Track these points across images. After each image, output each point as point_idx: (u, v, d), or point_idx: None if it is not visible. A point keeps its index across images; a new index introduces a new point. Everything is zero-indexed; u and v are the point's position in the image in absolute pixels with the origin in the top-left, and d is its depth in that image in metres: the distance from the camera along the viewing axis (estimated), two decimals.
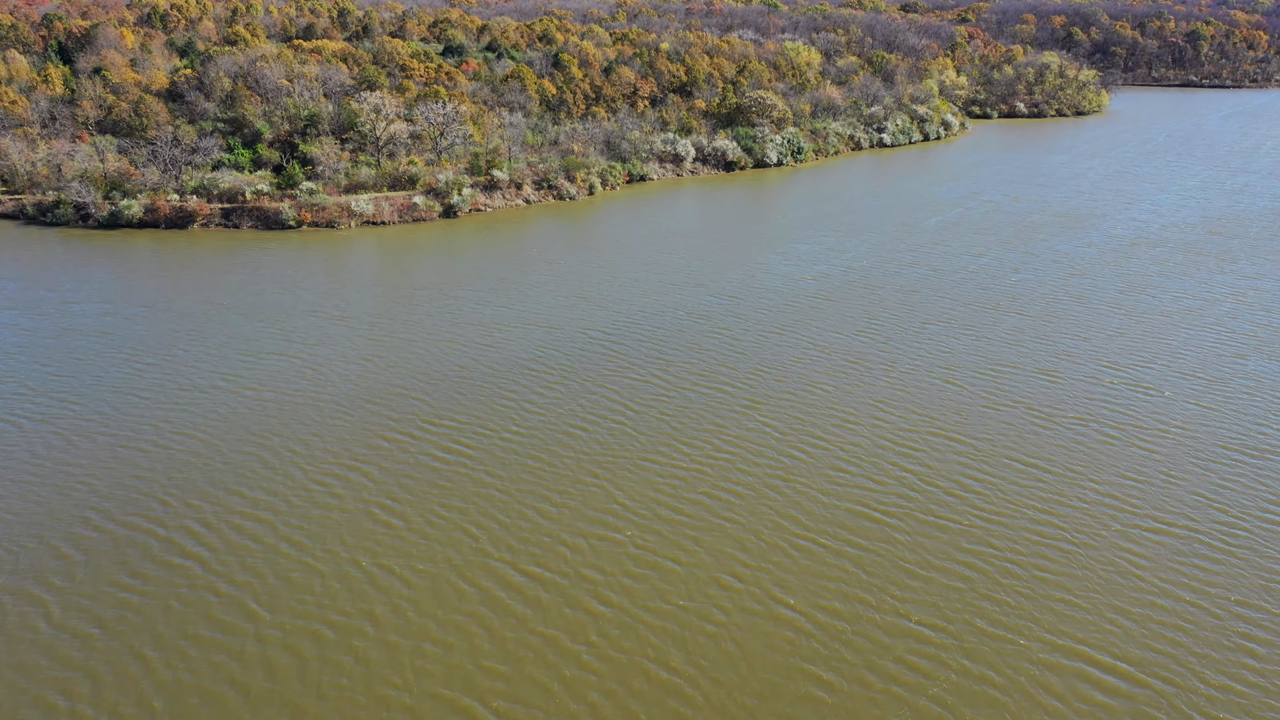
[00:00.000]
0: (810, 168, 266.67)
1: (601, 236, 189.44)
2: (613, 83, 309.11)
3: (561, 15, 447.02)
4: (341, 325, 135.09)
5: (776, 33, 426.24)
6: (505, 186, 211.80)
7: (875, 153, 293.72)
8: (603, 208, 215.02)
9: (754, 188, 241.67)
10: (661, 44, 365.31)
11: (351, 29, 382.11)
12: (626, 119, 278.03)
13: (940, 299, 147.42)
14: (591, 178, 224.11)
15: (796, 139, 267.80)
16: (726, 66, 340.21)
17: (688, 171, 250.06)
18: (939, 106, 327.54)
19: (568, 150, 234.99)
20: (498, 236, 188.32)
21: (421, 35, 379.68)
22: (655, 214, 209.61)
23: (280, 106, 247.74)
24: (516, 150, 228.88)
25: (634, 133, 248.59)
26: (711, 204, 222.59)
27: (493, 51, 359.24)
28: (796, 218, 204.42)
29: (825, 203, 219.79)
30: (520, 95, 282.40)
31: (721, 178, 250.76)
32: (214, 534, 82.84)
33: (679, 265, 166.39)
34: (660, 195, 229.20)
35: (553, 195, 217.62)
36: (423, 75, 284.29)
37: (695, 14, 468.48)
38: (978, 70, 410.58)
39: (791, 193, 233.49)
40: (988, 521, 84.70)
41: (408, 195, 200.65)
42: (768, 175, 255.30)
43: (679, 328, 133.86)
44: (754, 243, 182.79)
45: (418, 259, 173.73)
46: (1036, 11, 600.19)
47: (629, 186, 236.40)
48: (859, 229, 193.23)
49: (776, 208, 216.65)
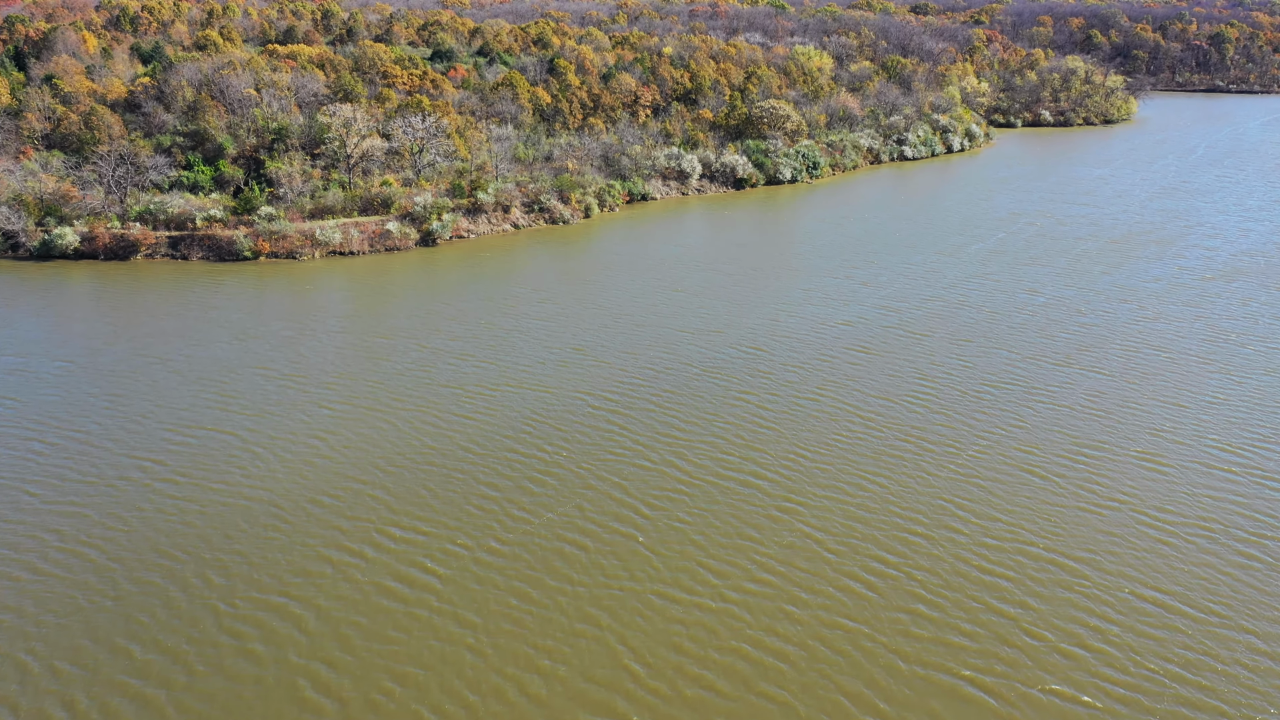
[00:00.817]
0: (827, 184, 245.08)
1: (599, 268, 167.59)
2: (612, 90, 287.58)
3: (559, 17, 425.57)
4: (293, 387, 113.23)
5: (785, 36, 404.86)
6: (491, 210, 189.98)
7: (896, 167, 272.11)
8: (600, 233, 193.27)
9: (768, 208, 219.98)
10: (664, 48, 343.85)
11: (335, 32, 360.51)
12: (627, 130, 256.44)
13: (999, 350, 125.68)
14: (588, 198, 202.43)
15: (812, 153, 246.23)
16: (733, 72, 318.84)
17: (694, 190, 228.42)
18: (962, 115, 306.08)
19: (562, 167, 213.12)
20: (481, 270, 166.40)
21: (409, 39, 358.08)
22: (659, 240, 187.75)
23: (247, 118, 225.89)
24: (505, 168, 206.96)
25: (635, 147, 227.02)
26: (722, 228, 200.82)
27: (484, 57, 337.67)
28: (819, 244, 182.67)
29: (849, 226, 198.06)
30: (511, 105, 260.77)
31: (731, 196, 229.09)
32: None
33: (689, 305, 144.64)
34: (664, 217, 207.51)
35: (544, 219, 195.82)
36: (406, 83, 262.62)
37: (699, 16, 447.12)
38: (997, 76, 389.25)
39: (810, 214, 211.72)
40: (1124, 702, 62.90)
41: (381, 221, 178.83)
42: (781, 194, 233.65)
43: (695, 391, 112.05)
44: (773, 276, 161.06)
45: (388, 298, 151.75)
46: (1053, 13, 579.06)
47: (629, 207, 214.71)
48: (891, 258, 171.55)
49: (795, 233, 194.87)
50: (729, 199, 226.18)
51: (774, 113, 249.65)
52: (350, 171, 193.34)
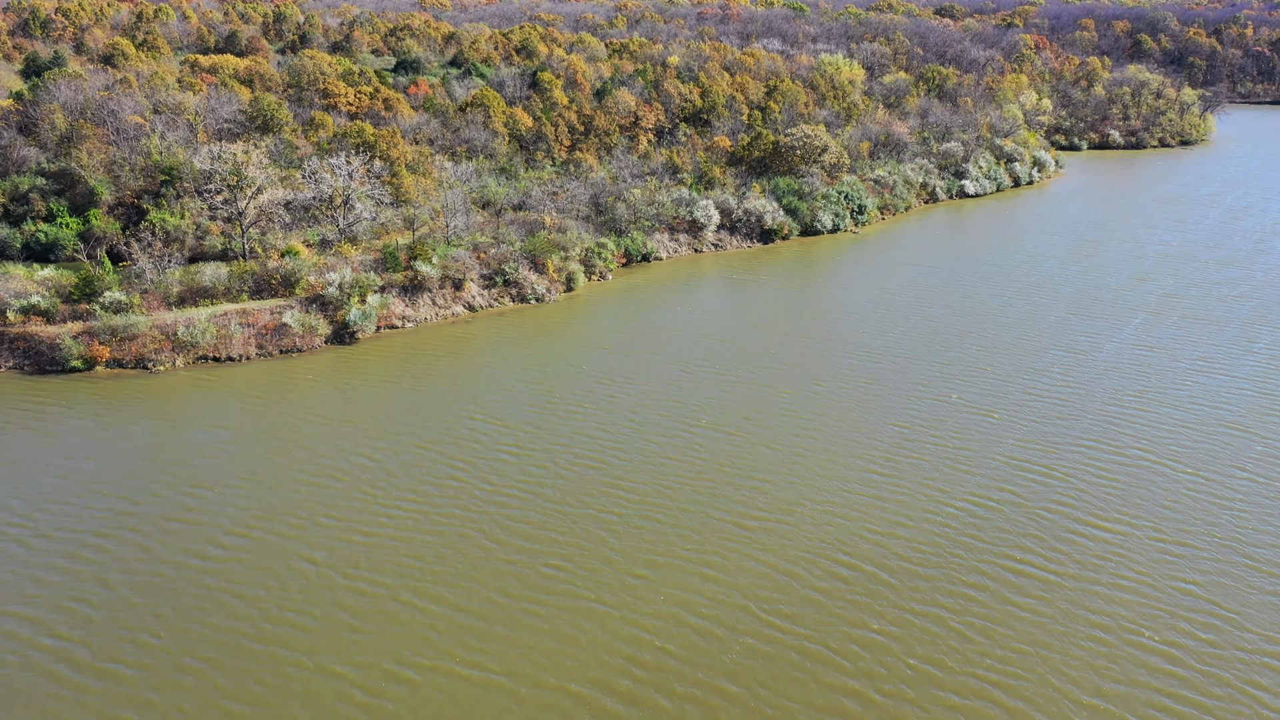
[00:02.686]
0: (876, 233, 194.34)
1: (582, 389, 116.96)
2: (607, 110, 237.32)
3: (549, 21, 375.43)
4: (49, 679, 62.84)
5: (807, 43, 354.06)
6: (437, 287, 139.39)
7: (956, 206, 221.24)
8: (586, 317, 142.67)
9: (806, 271, 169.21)
10: (669, 57, 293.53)
11: (287, 38, 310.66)
12: (623, 162, 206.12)
13: (1232, 560, 75.01)
14: (570, 264, 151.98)
15: (856, 194, 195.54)
16: (751, 87, 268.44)
17: (709, 245, 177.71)
18: (1028, 140, 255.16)
19: (537, 222, 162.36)
20: (413, 391, 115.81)
21: (373, 47, 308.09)
22: (666, 328, 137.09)
23: (138, 153, 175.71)
24: (463, 223, 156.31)
25: (634, 191, 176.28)
26: (748, 305, 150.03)
27: (457, 68, 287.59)
28: (889, 335, 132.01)
29: (923, 303, 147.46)
30: (482, 131, 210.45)
31: (757, 254, 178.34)
32: None
33: (721, 460, 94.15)
34: (670, 289, 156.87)
35: (511, 296, 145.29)
36: (353, 103, 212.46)
37: (708, 19, 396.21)
38: (1050, 89, 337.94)
39: (865, 281, 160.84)
40: None
41: (277, 308, 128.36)
42: (820, 247, 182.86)
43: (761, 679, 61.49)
44: (838, 398, 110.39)
45: (259, 457, 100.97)
46: (1094, 16, 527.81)
47: (627, 271, 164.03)
48: (1003, 362, 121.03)
49: (851, 313, 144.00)
50: (755, 257, 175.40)
51: (808, 142, 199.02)
52: (245, 234, 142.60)
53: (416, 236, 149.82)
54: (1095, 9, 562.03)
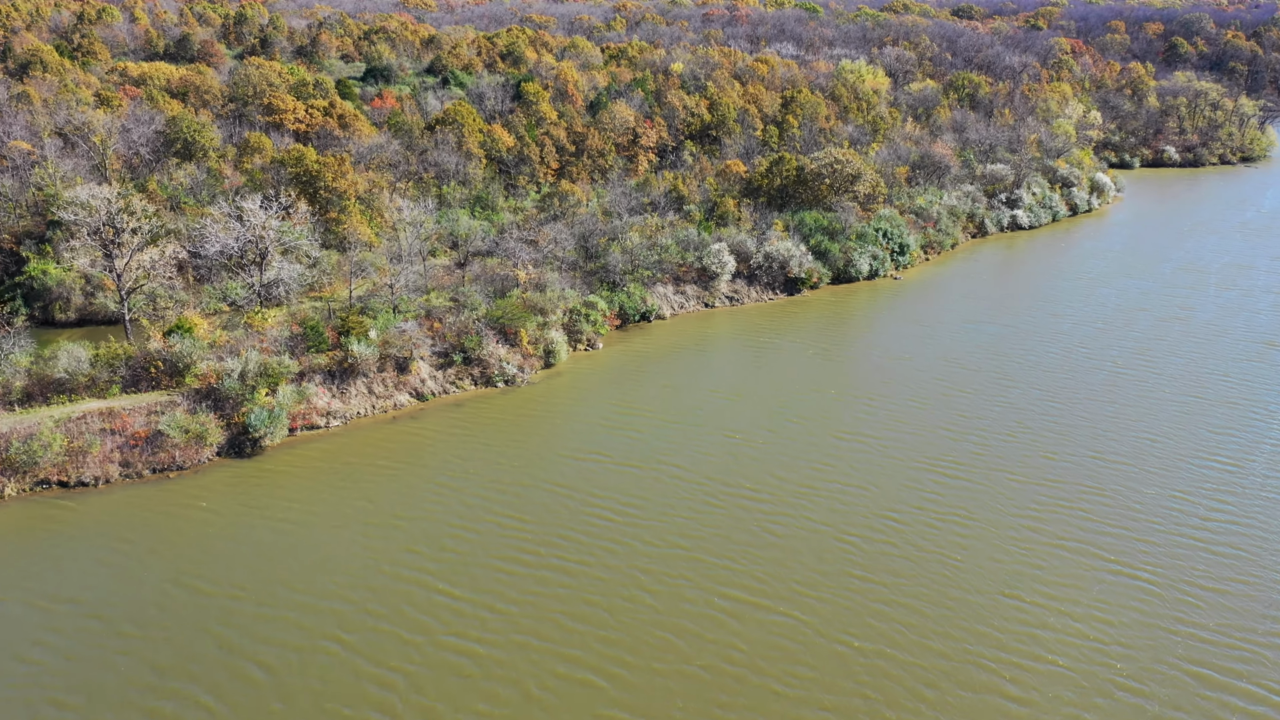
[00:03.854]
0: (920, 276, 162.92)
1: (569, 525, 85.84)
2: (601, 126, 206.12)
3: (541, 23, 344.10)
4: None
5: (823, 47, 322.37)
6: (375, 370, 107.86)
7: (1007, 240, 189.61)
8: (569, 406, 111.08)
9: (844, 332, 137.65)
10: (672, 64, 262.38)
11: (247, 42, 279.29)
12: (620, 189, 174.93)
13: None
14: (549, 333, 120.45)
15: (896, 230, 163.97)
16: (766, 98, 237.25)
17: (722, 297, 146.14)
18: (1082, 160, 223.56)
19: (508, 277, 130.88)
20: (324, 537, 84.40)
21: (344, 51, 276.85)
22: (676, 423, 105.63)
23: (25, 185, 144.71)
24: (411, 285, 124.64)
25: (631, 234, 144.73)
26: (781, 382, 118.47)
27: (434, 75, 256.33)
28: (969, 431, 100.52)
29: (1002, 379, 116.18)
30: (454, 154, 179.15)
31: (780, 309, 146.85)
32: None
33: (780, 683, 62.81)
34: (675, 360, 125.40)
35: (473, 378, 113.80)
36: (303, 120, 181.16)
37: (714, 21, 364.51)
38: (1089, 98, 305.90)
39: (922, 347, 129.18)
40: None
41: (157, 406, 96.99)
42: (856, 298, 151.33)
43: None
44: (914, 534, 79.09)
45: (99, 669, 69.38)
46: (1124, 17, 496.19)
47: (621, 335, 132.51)
48: (1122, 481, 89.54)
49: (917, 398, 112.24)
50: (779, 313, 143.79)
51: (839, 169, 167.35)
52: (124, 302, 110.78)
53: (353, 300, 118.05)
54: (1124, 10, 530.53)
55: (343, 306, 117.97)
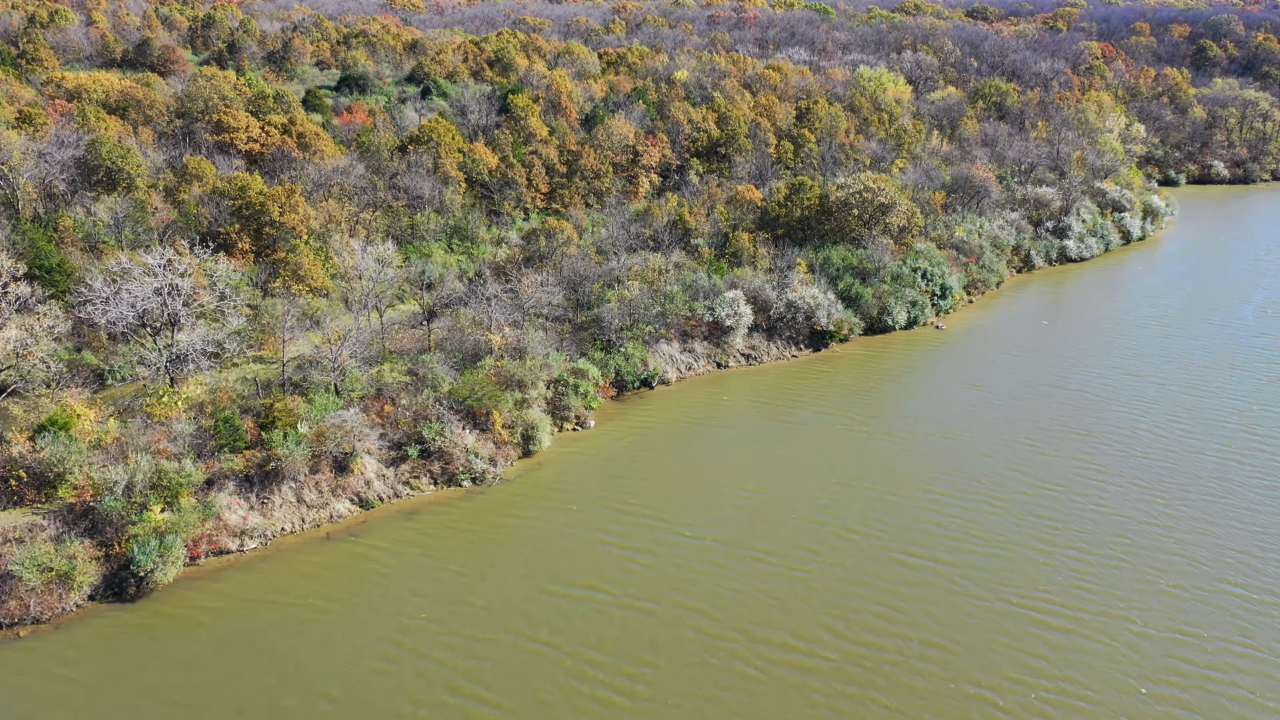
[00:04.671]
0: (964, 323, 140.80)
1: (569, 707, 63.79)
2: (598, 143, 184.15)
3: (535, 26, 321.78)
4: None
5: (837, 52, 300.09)
6: (307, 473, 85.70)
7: (1056, 274, 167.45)
8: (551, 512, 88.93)
9: (885, 399, 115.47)
10: (676, 72, 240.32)
11: (215, 47, 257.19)
12: (617, 217, 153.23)
13: None
14: (529, 412, 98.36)
15: (937, 270, 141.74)
16: (779, 110, 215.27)
17: (737, 354, 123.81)
18: (1132, 180, 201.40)
19: (477, 346, 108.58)
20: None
21: (319, 57, 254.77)
22: (688, 537, 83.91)
23: None
24: (360, 356, 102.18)
25: (631, 283, 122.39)
26: (815, 468, 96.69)
27: (415, 84, 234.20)
28: (1050, 546, 78.63)
29: (1083, 471, 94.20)
30: (428, 179, 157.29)
31: (805, 368, 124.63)
32: None
33: None
34: (685, 437, 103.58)
35: (432, 475, 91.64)
36: (258, 139, 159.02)
37: (720, 24, 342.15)
38: (1124, 107, 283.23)
39: (983, 419, 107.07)
40: None
41: (9, 532, 74.87)
42: (892, 353, 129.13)
43: None
44: None
45: None
46: (1148, 18, 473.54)
47: (618, 406, 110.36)
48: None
49: (987, 501, 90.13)
50: (804, 373, 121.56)
51: (869, 198, 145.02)
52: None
53: (286, 375, 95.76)
54: (1146, 11, 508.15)
55: (275, 379, 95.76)
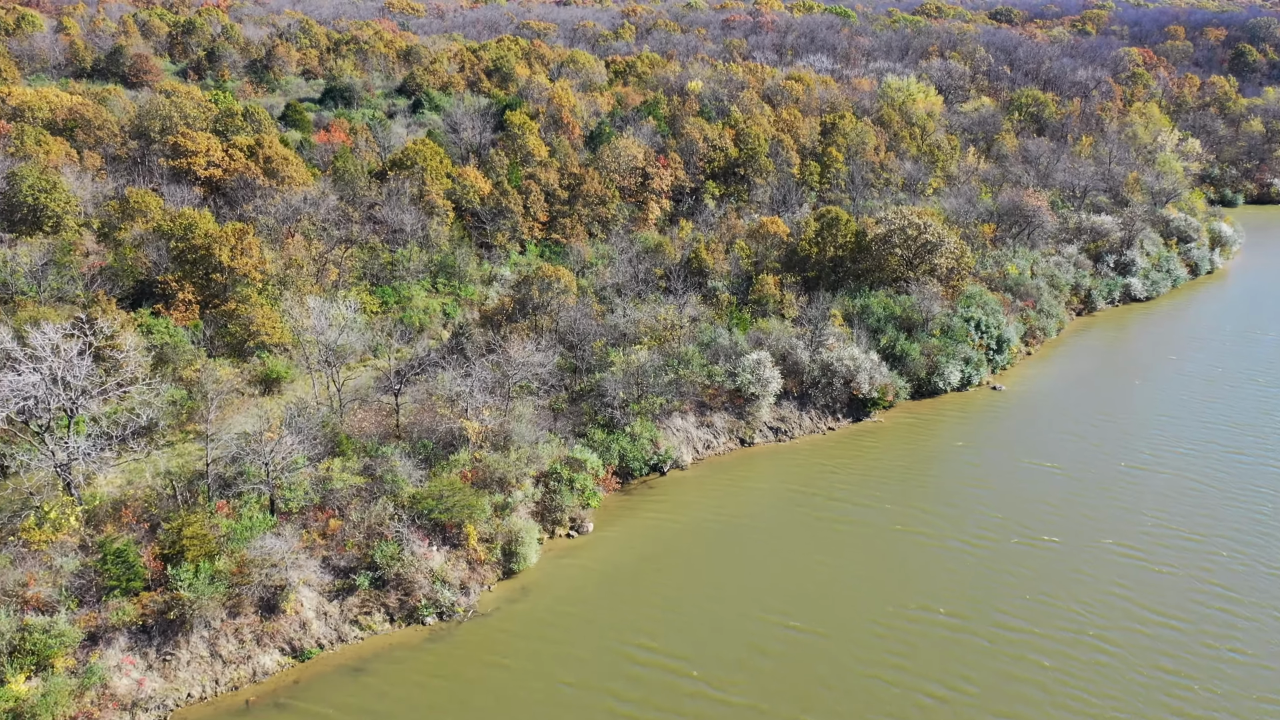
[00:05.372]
0: (1024, 380, 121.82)
1: None
2: (602, 164, 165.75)
3: (539, 30, 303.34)
4: None
5: (861, 59, 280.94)
6: (226, 619, 67.32)
7: (1120, 316, 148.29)
8: (537, 661, 70.40)
9: (941, 487, 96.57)
10: (690, 82, 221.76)
11: (194, 55, 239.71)
12: (625, 260, 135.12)
13: None
14: (513, 520, 79.79)
15: (993, 320, 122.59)
16: (802, 125, 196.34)
17: (763, 427, 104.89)
18: (1195, 205, 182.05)
19: (451, 433, 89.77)
20: None
21: (306, 66, 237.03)
22: (717, 703, 65.17)
23: None
24: (308, 448, 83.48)
25: (639, 347, 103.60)
26: (863, 588, 78.30)
27: (406, 96, 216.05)
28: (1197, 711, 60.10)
29: (1211, 599, 75.34)
30: (410, 209, 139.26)
31: (844, 443, 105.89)
32: None
33: None
34: (704, 544, 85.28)
35: (387, 611, 73.10)
36: (220, 164, 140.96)
37: (735, 29, 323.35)
38: (1168, 119, 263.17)
39: (1070, 519, 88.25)
40: None
41: None
42: (946, 424, 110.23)
43: None
44: None
45: None
46: (1180, 21, 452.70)
47: (623, 499, 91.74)
48: None
49: (1098, 642, 71.40)
50: (843, 450, 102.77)
51: (913, 234, 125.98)
52: None
53: (212, 479, 77.44)
54: (1177, 13, 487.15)
55: (212, 468, 77.54)
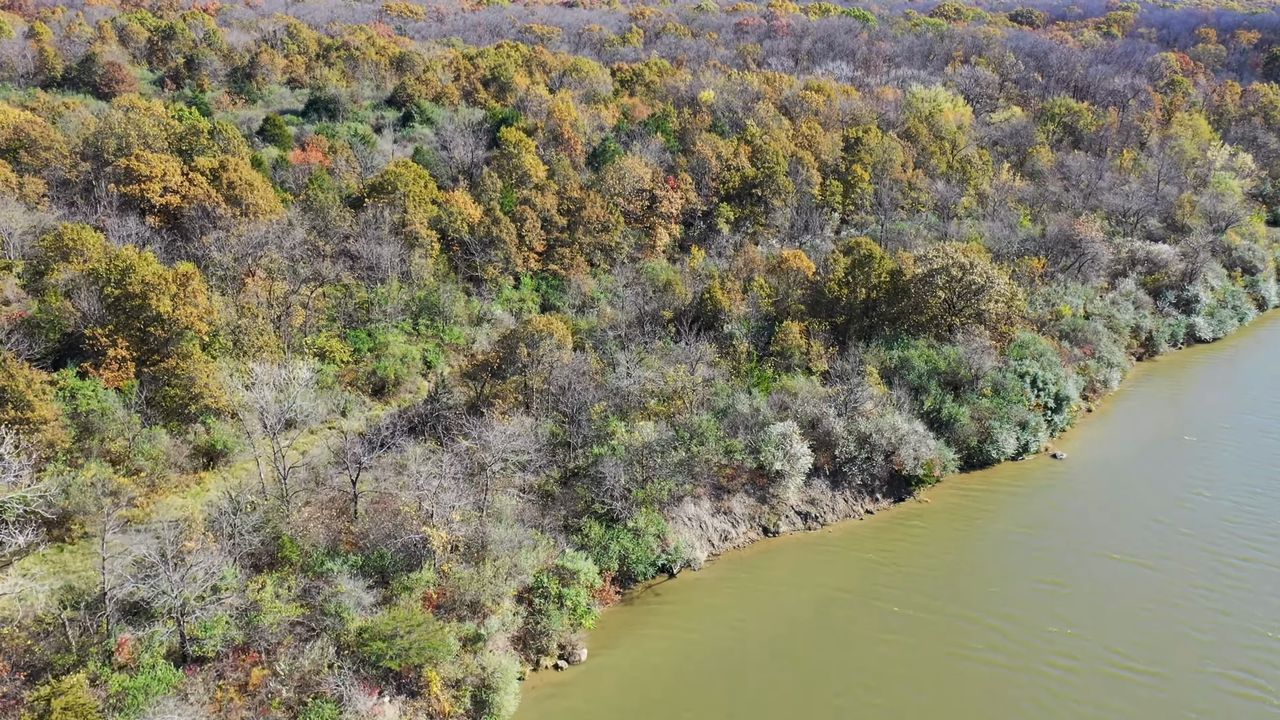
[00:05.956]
0: (1090, 445, 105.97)
1: None
2: (606, 186, 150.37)
3: (542, 35, 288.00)
4: None
5: (883, 65, 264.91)
6: None
7: (1183, 360, 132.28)
8: None
9: (1002, 595, 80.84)
10: (701, 92, 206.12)
11: (172, 62, 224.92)
12: (626, 285, 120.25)
13: None
14: (485, 658, 64.12)
15: (1050, 374, 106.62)
16: (823, 140, 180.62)
17: (790, 513, 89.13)
18: (1256, 229, 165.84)
19: (412, 543, 74.19)
20: None
21: (292, 74, 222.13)
22: None
23: None
24: (241, 561, 68.21)
25: (643, 422, 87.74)
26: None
27: (396, 108, 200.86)
28: None
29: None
30: (391, 242, 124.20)
31: (887, 530, 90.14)
32: None
33: None
34: (724, 677, 69.44)
35: None
36: (178, 189, 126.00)
37: (749, 33, 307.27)
38: (1210, 128, 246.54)
39: (1169, 649, 72.78)
40: None
41: None
42: (1000, 501, 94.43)
43: None
44: None
45: None
46: (1211, 23, 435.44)
47: (625, 611, 76.10)
48: None
49: None
50: (885, 540, 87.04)
51: (957, 275, 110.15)
52: None
53: (110, 611, 62.01)
54: (1206, 15, 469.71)
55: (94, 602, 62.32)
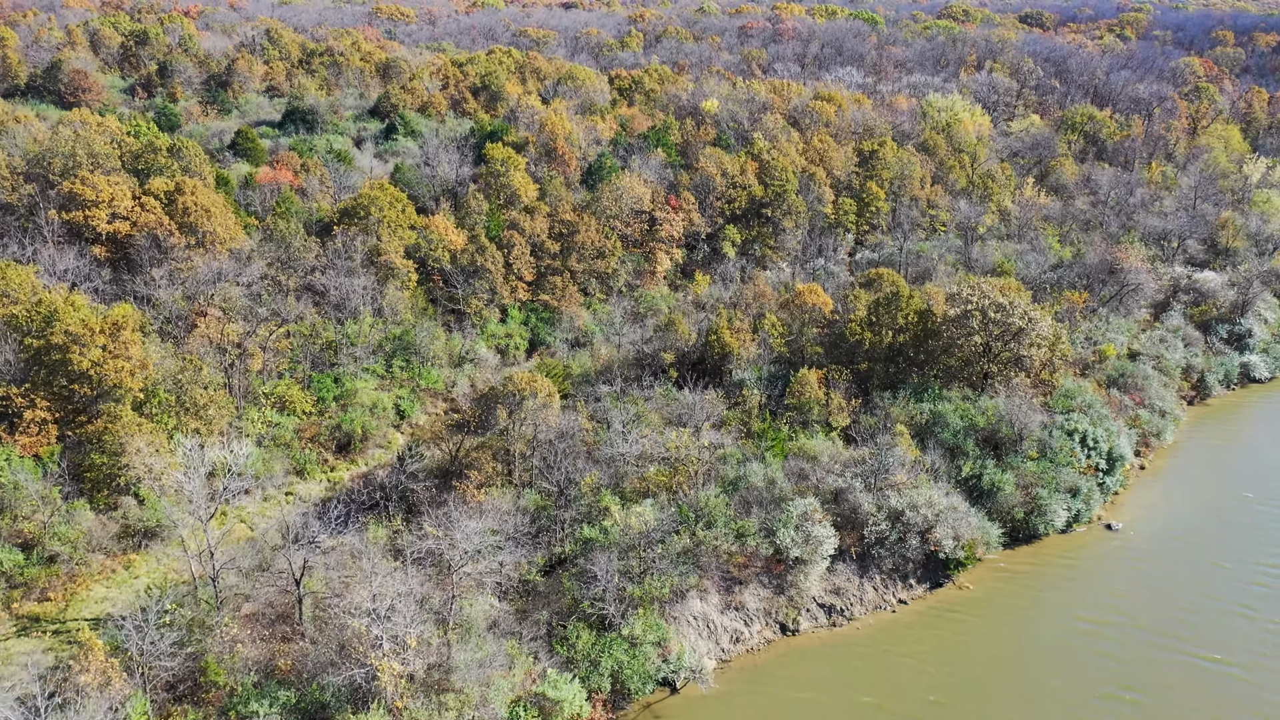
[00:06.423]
0: (1150, 511, 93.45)
1: None
2: (602, 208, 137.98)
3: (538, 39, 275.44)
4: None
5: (894, 71, 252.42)
6: None
7: (1239, 402, 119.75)
8: None
9: (1065, 711, 68.22)
10: (704, 101, 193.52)
11: (144, 70, 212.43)
12: (625, 319, 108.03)
13: None
14: None
15: (1101, 432, 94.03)
16: (835, 154, 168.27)
17: (811, 604, 76.59)
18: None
19: (357, 689, 61.61)
20: None
21: (271, 82, 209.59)
22: None
23: None
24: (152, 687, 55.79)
25: (638, 507, 75.03)
26: None
27: (379, 119, 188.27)
28: None
29: None
30: (363, 274, 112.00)
31: (921, 626, 77.43)
32: None
33: None
34: None
35: None
36: (128, 215, 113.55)
37: (753, 37, 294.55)
38: (1241, 139, 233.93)
39: None
40: None
41: None
42: (1051, 585, 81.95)
43: None
44: None
45: None
46: (1227, 26, 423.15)
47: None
48: None
49: None
50: (922, 637, 74.60)
51: (996, 317, 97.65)
52: None
53: None
54: (1222, 17, 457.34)
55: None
